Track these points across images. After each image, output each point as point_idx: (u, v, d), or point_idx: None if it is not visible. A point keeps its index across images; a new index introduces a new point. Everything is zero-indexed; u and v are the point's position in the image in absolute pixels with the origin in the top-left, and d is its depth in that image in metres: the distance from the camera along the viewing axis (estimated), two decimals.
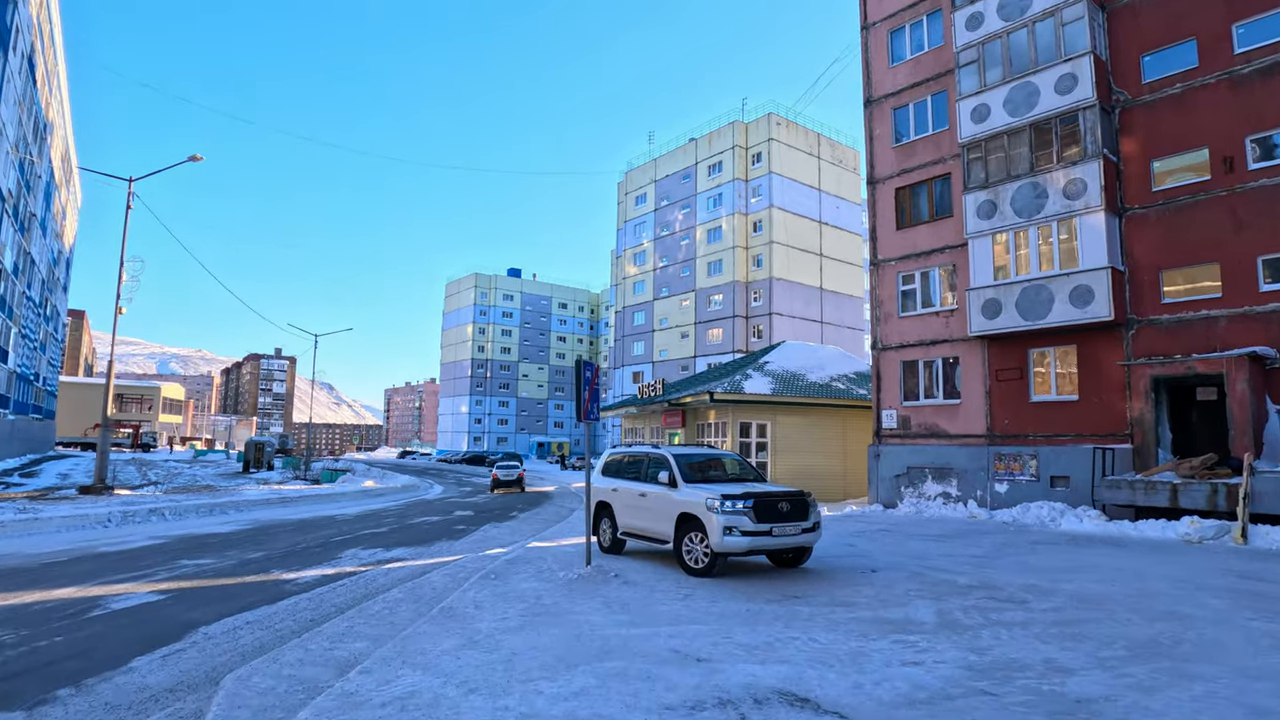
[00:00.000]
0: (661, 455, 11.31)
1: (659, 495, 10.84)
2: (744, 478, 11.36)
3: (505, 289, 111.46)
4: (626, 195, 73.16)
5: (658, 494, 10.87)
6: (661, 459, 11.25)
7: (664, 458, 11.19)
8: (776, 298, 58.08)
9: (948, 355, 21.38)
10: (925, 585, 9.44)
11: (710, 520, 9.63)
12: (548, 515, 21.22)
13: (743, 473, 11.58)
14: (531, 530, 17.02)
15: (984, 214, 20.05)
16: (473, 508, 23.72)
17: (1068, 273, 18.25)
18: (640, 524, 11.30)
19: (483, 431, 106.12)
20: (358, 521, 18.80)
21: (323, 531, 16.37)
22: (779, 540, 9.78)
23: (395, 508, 23.54)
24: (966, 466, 20.43)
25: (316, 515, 20.30)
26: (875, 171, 23.97)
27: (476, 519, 19.81)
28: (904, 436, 22.15)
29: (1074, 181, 18.45)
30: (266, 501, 22.57)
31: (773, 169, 59.49)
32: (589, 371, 10.28)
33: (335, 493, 26.83)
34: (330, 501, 25.15)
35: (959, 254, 21.24)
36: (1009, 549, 13.24)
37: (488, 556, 12.23)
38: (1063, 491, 18.44)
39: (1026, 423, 19.48)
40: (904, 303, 22.70)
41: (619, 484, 12.05)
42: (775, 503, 9.87)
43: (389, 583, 10.06)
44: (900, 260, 22.79)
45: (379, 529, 17.04)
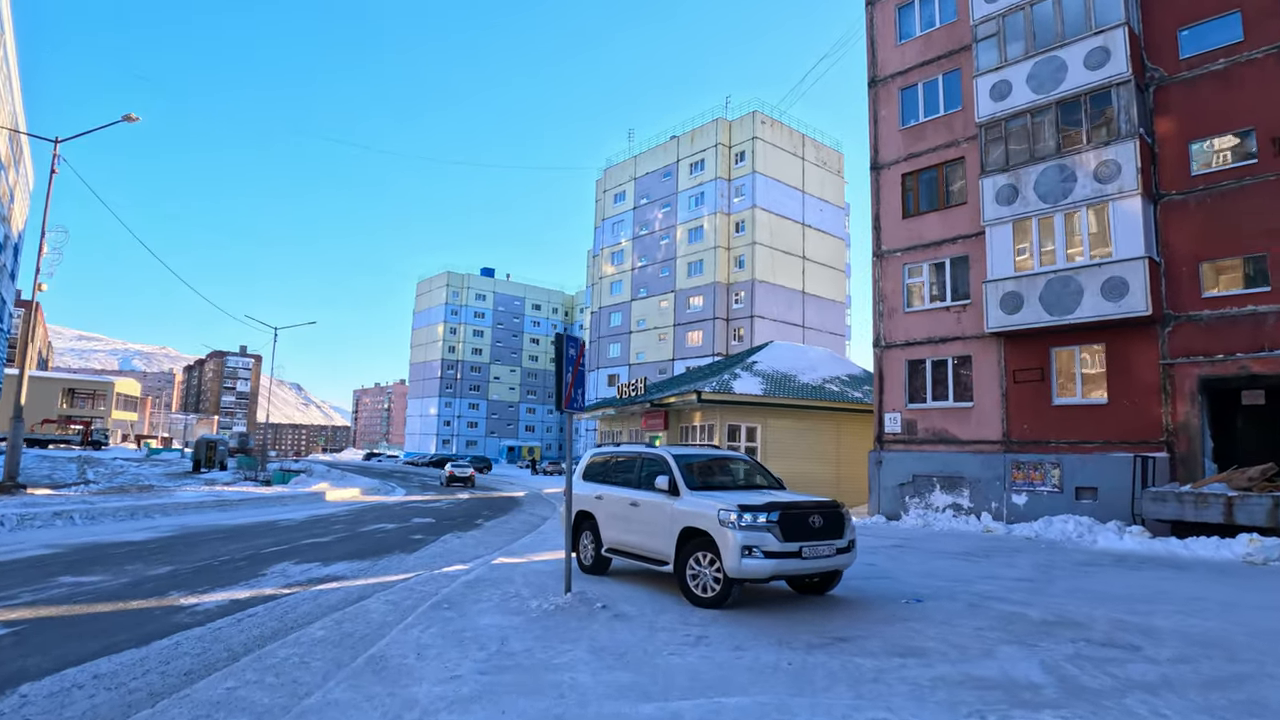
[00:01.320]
0: (659, 456, 9.28)
1: (656, 505, 8.79)
2: (759, 484, 9.36)
3: (478, 289, 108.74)
4: (605, 193, 71.15)
5: (654, 503, 8.83)
6: (659, 460, 9.21)
7: (662, 459, 9.15)
8: (758, 300, 56.39)
9: (959, 354, 19.61)
10: (993, 621, 7.51)
11: (724, 537, 7.60)
12: (517, 524, 19.05)
13: (757, 478, 9.57)
14: (498, 542, 14.87)
15: (1004, 199, 18.33)
16: (434, 514, 21.46)
17: (1099, 263, 16.56)
18: (631, 539, 9.25)
19: (452, 434, 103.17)
20: (300, 529, 16.50)
21: (256, 540, 14.08)
22: (810, 564, 7.78)
23: (348, 513, 21.21)
24: (980, 476, 18.65)
25: (255, 521, 17.93)
26: (880, 156, 22.21)
27: (437, 527, 17.59)
28: (909, 442, 20.33)
29: (1106, 164, 16.79)
30: (201, 504, 20.13)
31: (756, 168, 57.87)
32: (573, 347, 8.22)
33: (284, 495, 24.41)
34: (276, 505, 22.73)
35: (973, 244, 19.51)
36: (1054, 571, 11.42)
37: (444, 576, 10.08)
38: (1089, 504, 16.70)
39: (1048, 428, 17.75)
40: (910, 297, 20.93)
41: (604, 490, 9.99)
42: (805, 516, 7.87)
43: (314, 612, 7.88)
44: (907, 251, 21.02)
45: (323, 538, 14.77)
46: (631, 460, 9.81)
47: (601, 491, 10.02)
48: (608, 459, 10.41)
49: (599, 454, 10.71)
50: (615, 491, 9.74)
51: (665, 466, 8.96)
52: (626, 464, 9.89)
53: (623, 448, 10.34)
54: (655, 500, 8.81)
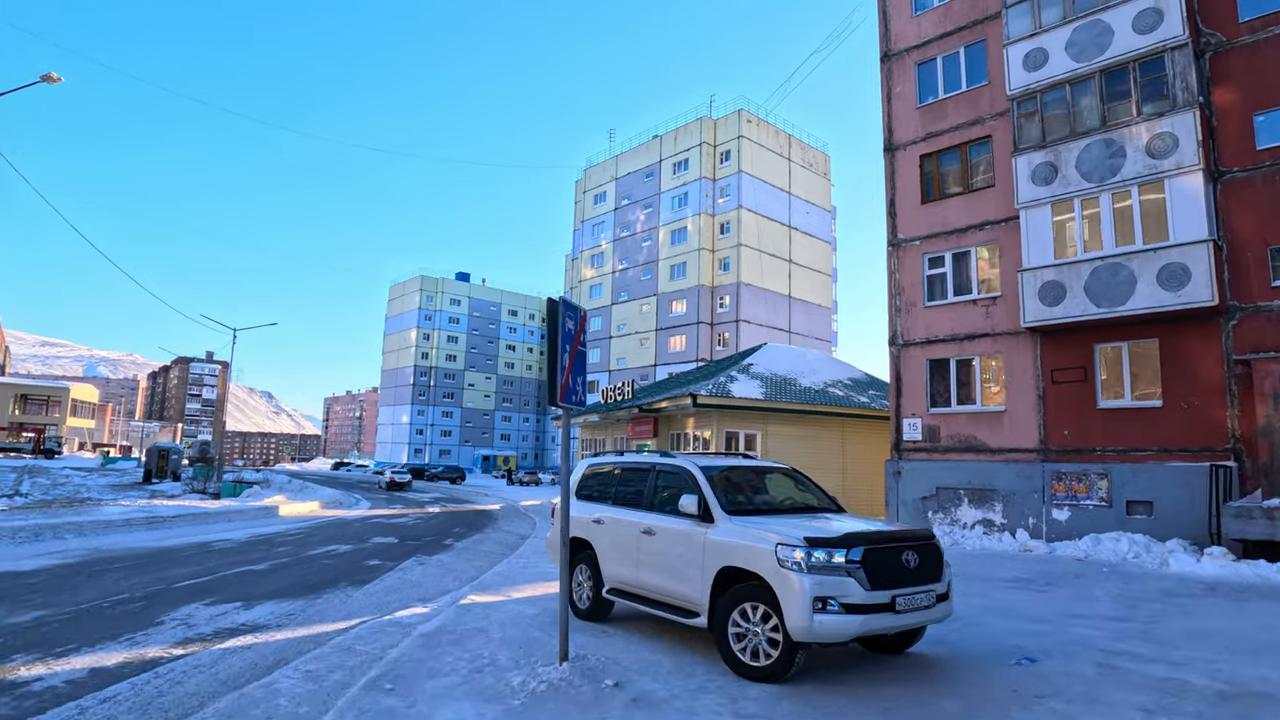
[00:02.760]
0: (680, 468, 7.05)
1: (679, 535, 6.56)
2: (813, 505, 7.15)
3: (453, 293, 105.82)
4: (585, 194, 68.94)
5: (676, 532, 6.60)
6: (681, 474, 6.99)
7: (686, 472, 6.93)
8: (744, 304, 54.43)
9: (988, 352, 17.62)
10: (1153, 694, 5.46)
11: (787, 584, 5.39)
12: (492, 545, 16.69)
13: (809, 497, 7.36)
14: (469, 570, 12.52)
15: (1041, 179, 16.39)
16: (398, 532, 19.01)
17: (1154, 248, 14.64)
18: (644, 579, 6.98)
19: (425, 443, 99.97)
20: (236, 553, 14.01)
21: (174, 570, 11.61)
22: (905, 619, 5.61)
23: (299, 531, 18.69)
24: (1014, 488, 16.62)
25: (185, 543, 15.40)
26: (895, 136, 20.23)
27: (398, 550, 15.18)
28: (931, 450, 18.28)
29: (1160, 137, 14.91)
30: (129, 522, 17.52)
31: (742, 168, 56.03)
32: (571, 319, 5.98)
33: (230, 510, 21.79)
34: (220, 522, 20.14)
35: (1004, 230, 17.56)
36: (1146, 605, 9.40)
37: (396, 626, 7.72)
38: (1143, 520, 14.73)
39: (1093, 434, 15.78)
40: (931, 290, 18.92)
41: (605, 512, 7.74)
42: (897, 553, 5.70)
43: (199, 693, 5.53)
44: (927, 239, 19.03)
45: (258, 565, 12.33)
46: (641, 473, 7.56)
47: (601, 513, 7.76)
48: (609, 471, 8.15)
49: (597, 465, 8.45)
50: (620, 514, 7.48)
51: (690, 482, 6.73)
52: (635, 478, 7.64)
53: (629, 457, 8.08)
54: (678, 528, 6.58)
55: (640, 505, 7.29)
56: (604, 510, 7.75)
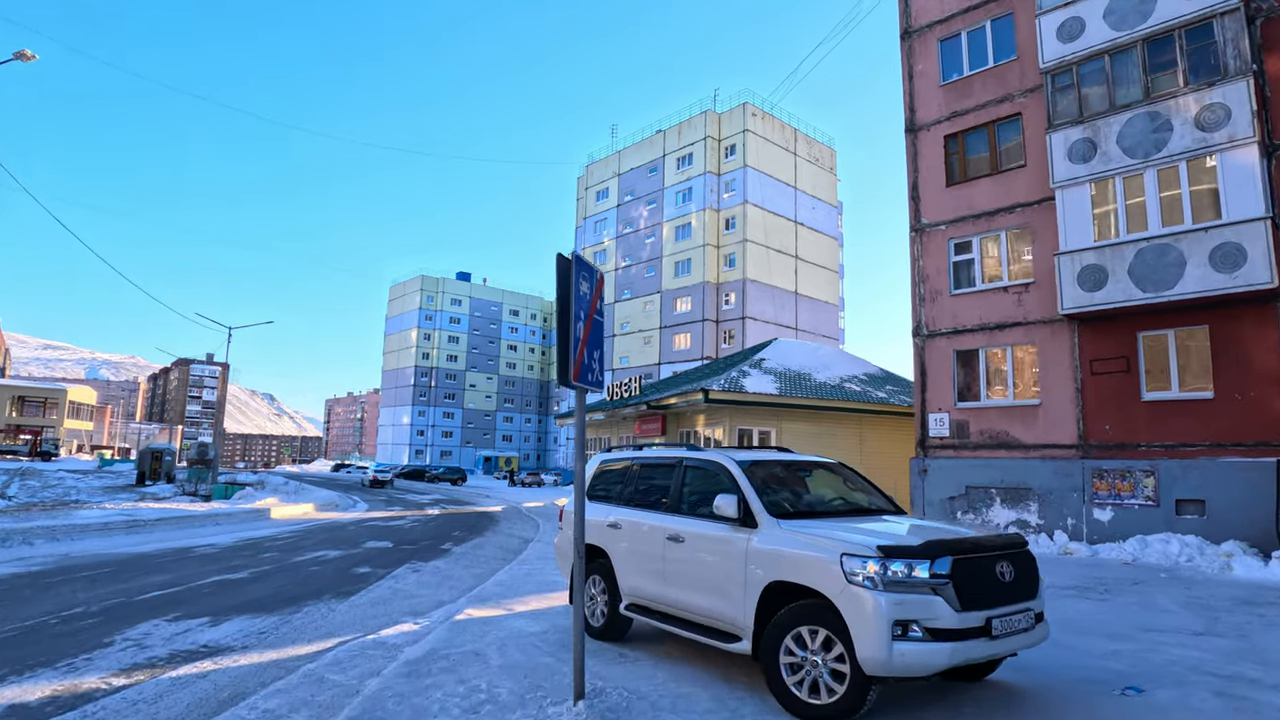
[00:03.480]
0: (714, 463, 5.99)
1: (714, 542, 5.50)
2: (872, 507, 6.09)
3: (453, 293, 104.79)
4: (587, 190, 67.90)
5: (711, 539, 5.54)
6: (714, 470, 5.93)
7: (720, 467, 5.87)
8: (750, 301, 53.36)
9: (1020, 341, 16.55)
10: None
11: (858, 604, 4.34)
12: (492, 550, 15.64)
13: (864, 497, 6.29)
14: (467, 578, 11.46)
15: (1078, 156, 15.33)
16: (394, 536, 17.96)
17: (1205, 227, 13.57)
18: (670, 594, 5.92)
19: (425, 444, 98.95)
20: (216, 560, 12.97)
21: (143, 579, 10.57)
22: (1001, 645, 4.56)
23: (289, 535, 17.64)
24: (1051, 486, 15.55)
25: (164, 548, 14.36)
26: (917, 116, 19.17)
27: (392, 555, 14.13)
28: (960, 447, 17.21)
29: (1210, 109, 13.84)
30: (107, 526, 16.49)
31: (748, 162, 54.98)
32: (585, 280, 4.93)
33: (219, 513, 20.76)
34: (206, 526, 19.10)
35: (1036, 212, 16.50)
36: (1225, 616, 8.41)
37: (380, 648, 6.66)
38: (1194, 520, 13.66)
39: (1137, 429, 14.70)
40: (958, 277, 17.86)
41: (622, 515, 6.68)
42: (990, 564, 4.64)
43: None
44: (953, 224, 17.97)
45: (238, 574, 11.28)
46: (665, 470, 6.51)
47: (618, 516, 6.70)
48: (626, 468, 7.09)
49: (612, 461, 7.39)
50: (641, 518, 6.43)
51: (727, 480, 5.67)
52: (657, 475, 6.58)
53: (650, 451, 7.02)
54: (713, 534, 5.52)
55: (664, 507, 6.23)
56: (621, 513, 6.70)
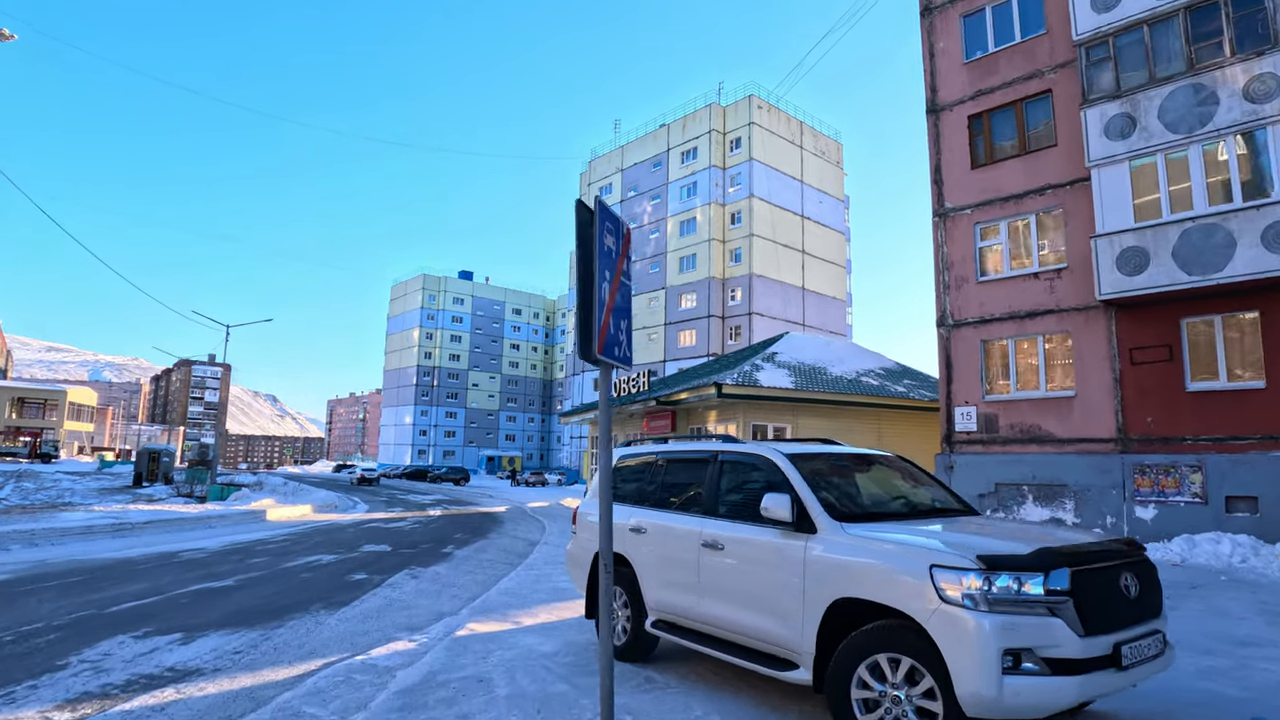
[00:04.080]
0: (758, 457, 5.12)
1: (763, 550, 4.64)
2: (941, 508, 5.22)
3: (455, 292, 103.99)
4: (589, 186, 67.03)
5: (759, 546, 4.68)
6: (758, 465, 5.08)
7: (765, 462, 5.01)
8: (757, 296, 52.46)
9: (1053, 330, 15.68)
10: None
11: (956, 628, 3.48)
12: (496, 553, 14.81)
13: (930, 496, 5.41)
14: (470, 586, 10.62)
15: (1116, 133, 14.44)
16: (393, 539, 17.13)
17: (1257, 205, 12.69)
18: (707, 610, 5.05)
19: (428, 444, 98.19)
20: (201, 566, 12.14)
21: (118, 588, 9.74)
22: (1132, 676, 3.69)
23: (283, 538, 16.82)
24: (1088, 483, 14.68)
25: (148, 553, 13.53)
26: (939, 97, 18.30)
27: (390, 560, 13.28)
28: (988, 442, 16.34)
29: (1260, 79, 12.95)
30: (91, 529, 15.67)
31: (754, 155, 54.08)
32: (611, 232, 4.09)
33: (212, 515, 19.94)
34: (197, 529, 18.29)
35: (1069, 194, 15.62)
36: None
37: (369, 673, 5.80)
38: (1246, 519, 12.78)
39: (1181, 421, 13.82)
40: (985, 263, 16.99)
41: (647, 518, 5.82)
42: (1114, 576, 3.79)
43: None
44: (979, 208, 17.09)
45: (222, 581, 10.44)
46: (697, 465, 5.64)
47: (641, 519, 5.84)
48: (648, 463, 6.23)
49: (632, 455, 6.54)
50: (670, 521, 5.57)
51: (776, 477, 4.81)
52: (688, 472, 5.73)
53: (678, 444, 6.16)
54: (760, 540, 4.66)
55: (697, 508, 5.38)
56: (645, 515, 5.84)
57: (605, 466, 4.03)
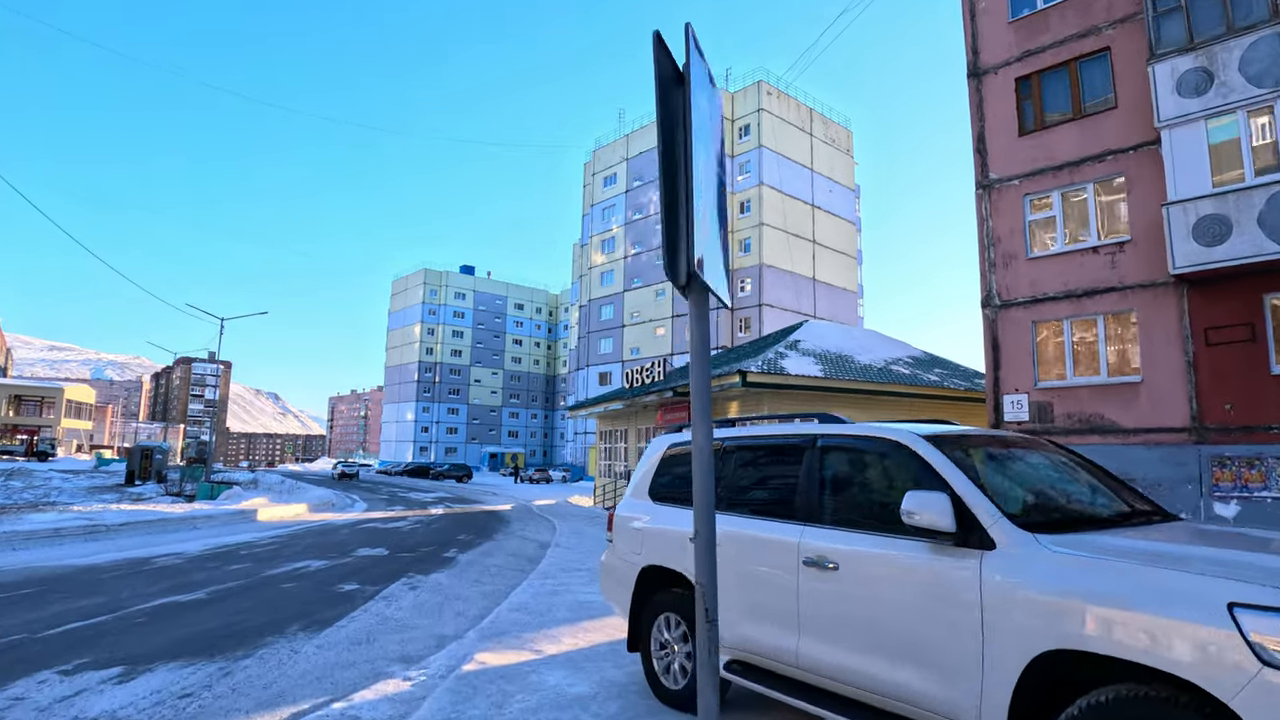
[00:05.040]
0: (886, 442, 3.68)
1: (906, 572, 3.22)
2: (1134, 510, 3.80)
3: (457, 287, 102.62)
4: (594, 176, 65.60)
5: (898, 566, 3.26)
6: (884, 450, 3.67)
7: (898, 448, 3.59)
8: (767, 286, 51.03)
9: (1115, 309, 14.26)
10: None
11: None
12: (504, 558, 13.43)
13: (1107, 494, 3.97)
14: (477, 598, 9.24)
15: (1190, 89, 13.01)
16: (391, 541, 15.77)
17: None
18: (813, 652, 3.63)
19: (430, 441, 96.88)
20: (174, 574, 10.77)
21: (66, 604, 8.37)
22: None
23: (271, 541, 15.46)
24: (1160, 477, 13.26)
25: (117, 559, 12.17)
26: (981, 59, 16.86)
27: (385, 567, 11.91)
28: (1043, 433, 14.91)
29: None
30: (57, 533, 14.31)
31: (763, 143, 52.61)
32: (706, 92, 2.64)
33: (198, 515, 18.59)
34: (180, 530, 16.94)
35: (1133, 159, 14.19)
36: None
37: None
38: None
39: (1265, 408, 12.41)
40: (1036, 238, 15.57)
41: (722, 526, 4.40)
42: None
43: None
44: (1028, 178, 15.67)
45: (190, 594, 9.06)
46: (786, 454, 4.25)
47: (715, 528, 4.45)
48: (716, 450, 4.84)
49: (685, 446, 5.15)
50: (750, 529, 4.18)
51: (916, 467, 3.41)
52: (772, 462, 4.34)
53: (758, 428, 4.76)
54: (901, 559, 3.26)
55: (791, 513, 3.98)
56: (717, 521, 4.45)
57: (704, 448, 2.63)
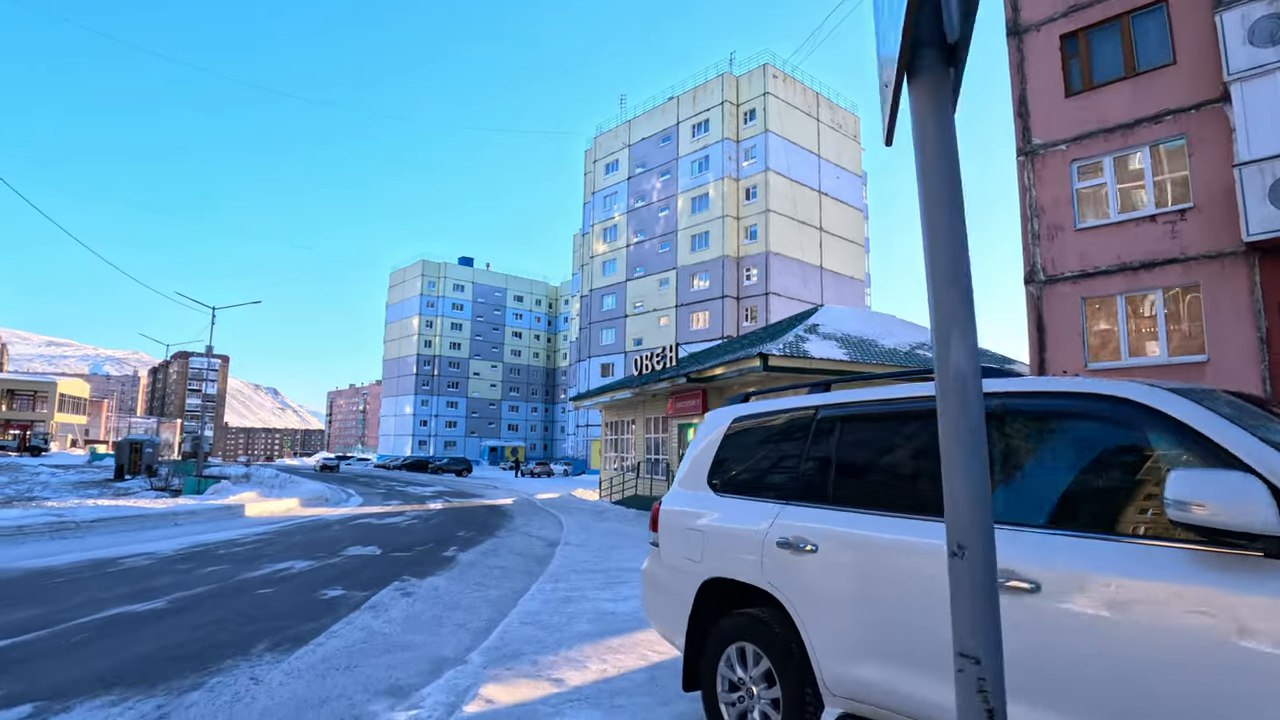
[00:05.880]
0: (1113, 400, 2.40)
1: (1178, 603, 1.97)
2: None
3: (456, 278, 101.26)
4: (595, 164, 64.23)
5: (1160, 594, 2.01)
6: (1110, 415, 2.39)
7: (1134, 411, 2.32)
8: (774, 275, 49.76)
9: (1177, 283, 13.04)
10: None
11: None
12: (509, 558, 12.23)
13: None
14: (480, 607, 8.03)
15: (1264, 38, 11.77)
16: (385, 538, 14.56)
17: None
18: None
19: (429, 434, 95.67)
20: (140, 577, 9.57)
21: (10, 614, 7.18)
22: None
23: (255, 538, 14.26)
24: None
25: (81, 560, 10.96)
26: (1022, 16, 15.60)
27: (377, 568, 10.70)
28: None
29: None
30: (20, 530, 13.08)
31: (769, 127, 51.27)
32: None
33: (181, 511, 17.39)
34: (160, 527, 15.74)
35: (1195, 119, 12.95)
36: None
37: None
38: None
39: None
40: (1085, 207, 14.34)
41: (823, 524, 3.19)
42: None
43: None
44: (1076, 142, 14.42)
45: (149, 603, 7.85)
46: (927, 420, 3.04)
47: (805, 526, 3.24)
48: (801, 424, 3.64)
49: (765, 413, 3.95)
50: (877, 532, 2.96)
51: (1173, 438, 2.19)
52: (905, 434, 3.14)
53: (876, 390, 3.54)
54: (1168, 588, 2.03)
55: (938, 508, 2.77)
56: (808, 518, 3.25)
57: (967, 390, 1.41)
